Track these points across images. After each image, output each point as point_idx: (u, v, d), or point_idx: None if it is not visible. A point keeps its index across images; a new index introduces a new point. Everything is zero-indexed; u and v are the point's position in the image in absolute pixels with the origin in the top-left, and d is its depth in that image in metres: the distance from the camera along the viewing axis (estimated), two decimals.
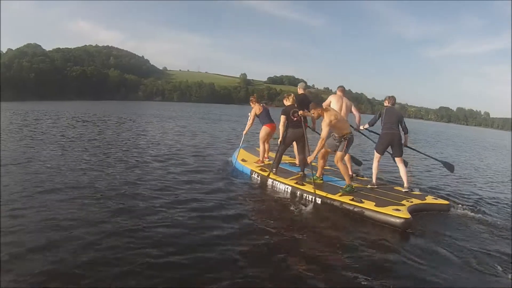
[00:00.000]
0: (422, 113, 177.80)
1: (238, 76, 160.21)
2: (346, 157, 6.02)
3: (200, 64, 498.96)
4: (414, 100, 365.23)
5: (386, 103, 6.05)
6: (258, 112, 7.23)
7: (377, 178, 5.97)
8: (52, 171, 6.31)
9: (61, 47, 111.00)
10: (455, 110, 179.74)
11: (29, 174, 6.06)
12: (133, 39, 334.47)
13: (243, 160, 7.19)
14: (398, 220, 4.39)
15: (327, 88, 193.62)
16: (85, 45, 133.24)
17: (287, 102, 6.43)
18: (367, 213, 4.71)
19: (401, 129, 5.85)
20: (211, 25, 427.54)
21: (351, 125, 5.80)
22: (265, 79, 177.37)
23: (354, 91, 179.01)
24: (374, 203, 4.82)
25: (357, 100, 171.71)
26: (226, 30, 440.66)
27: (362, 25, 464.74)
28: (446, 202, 5.45)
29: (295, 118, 6.11)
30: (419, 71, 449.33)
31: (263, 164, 6.96)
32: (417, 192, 5.78)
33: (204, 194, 5.35)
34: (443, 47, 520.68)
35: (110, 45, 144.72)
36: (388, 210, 4.57)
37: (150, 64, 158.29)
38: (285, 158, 6.95)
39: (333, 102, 6.24)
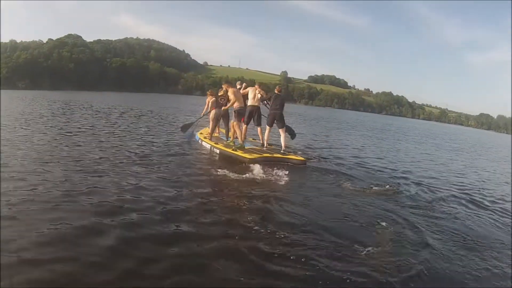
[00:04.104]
0: (462, 119, 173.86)
1: (279, 74, 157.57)
2: (259, 130, 9.21)
3: (241, 60, 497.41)
4: (454, 106, 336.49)
5: (276, 90, 8.90)
6: (210, 100, 10.16)
7: (268, 143, 9.01)
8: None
9: (102, 39, 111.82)
10: (495, 117, 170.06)
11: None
12: (176, 34, 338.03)
13: (200, 133, 10.49)
14: (244, 159, 7.43)
15: (368, 89, 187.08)
16: (126, 37, 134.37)
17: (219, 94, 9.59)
18: (235, 157, 7.69)
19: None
20: (253, 22, 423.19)
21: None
22: (305, 78, 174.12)
23: (394, 94, 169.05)
24: (242, 152, 7.82)
25: (398, 102, 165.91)
26: (269, 28, 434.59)
27: (406, 27, 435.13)
28: (302, 158, 7.98)
29: (221, 102, 9.14)
30: (461, 76, 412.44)
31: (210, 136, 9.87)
32: (291, 153, 8.37)
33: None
34: (487, 51, 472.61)
35: (151, 38, 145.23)
36: (245, 155, 7.58)
37: (191, 58, 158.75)
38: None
39: (250, 90, 8.84)
